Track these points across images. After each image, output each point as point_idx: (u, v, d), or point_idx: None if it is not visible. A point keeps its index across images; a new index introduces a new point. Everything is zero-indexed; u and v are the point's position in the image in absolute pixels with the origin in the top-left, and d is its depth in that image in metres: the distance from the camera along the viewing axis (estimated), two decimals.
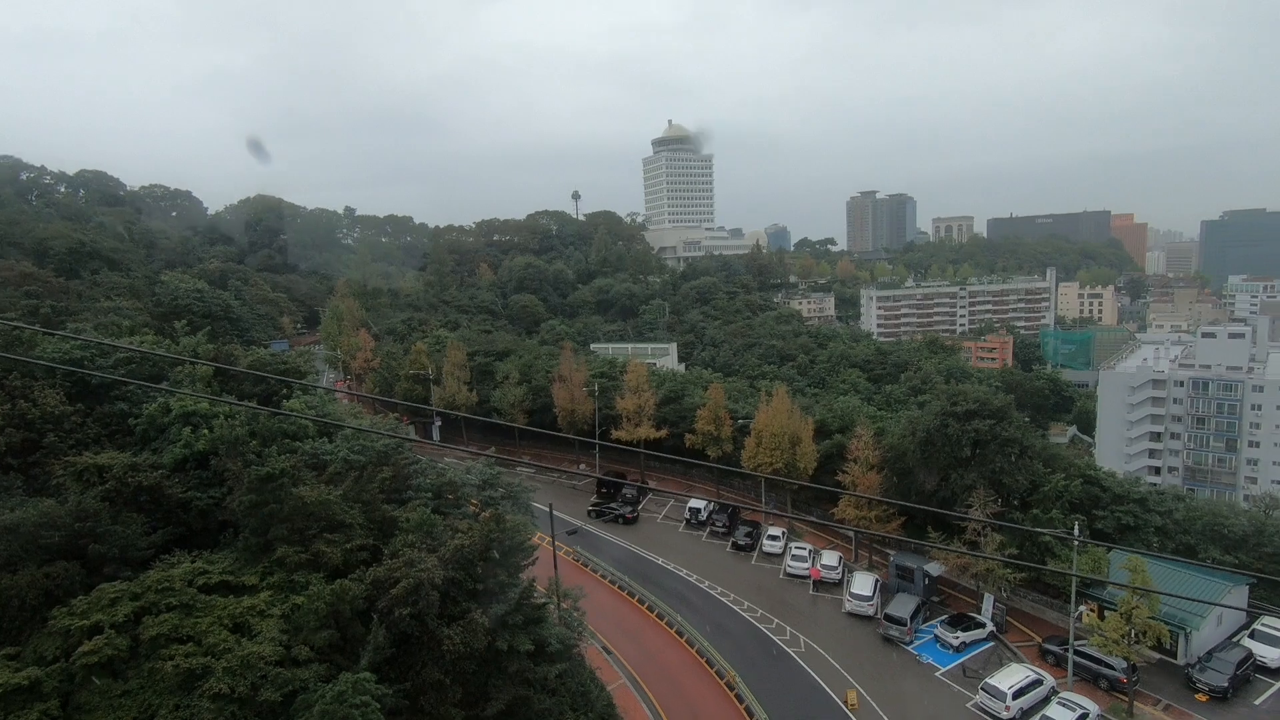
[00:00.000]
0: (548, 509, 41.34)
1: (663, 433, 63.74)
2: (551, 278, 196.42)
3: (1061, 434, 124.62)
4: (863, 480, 47.54)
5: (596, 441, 61.76)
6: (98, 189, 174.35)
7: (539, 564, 32.96)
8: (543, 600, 31.20)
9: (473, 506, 35.14)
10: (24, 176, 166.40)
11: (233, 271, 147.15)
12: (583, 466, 69.91)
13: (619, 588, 47.73)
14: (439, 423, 76.47)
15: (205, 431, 31.77)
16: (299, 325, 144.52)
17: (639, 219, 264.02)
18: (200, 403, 33.00)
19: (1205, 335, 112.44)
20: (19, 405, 30.03)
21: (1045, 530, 39.92)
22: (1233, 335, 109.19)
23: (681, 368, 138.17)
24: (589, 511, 59.35)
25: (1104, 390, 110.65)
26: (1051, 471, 45.13)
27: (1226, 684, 35.47)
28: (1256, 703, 36.01)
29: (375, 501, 30.65)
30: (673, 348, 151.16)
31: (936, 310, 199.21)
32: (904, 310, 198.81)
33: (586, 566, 50.65)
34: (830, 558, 49.03)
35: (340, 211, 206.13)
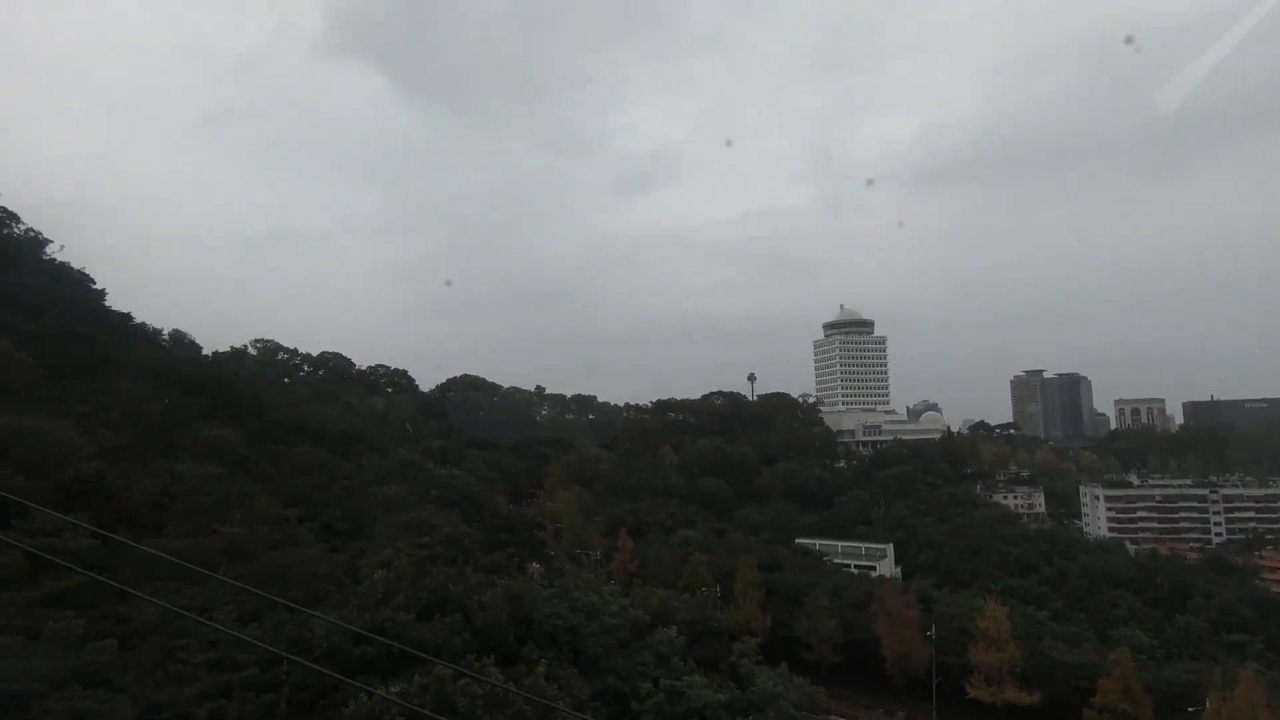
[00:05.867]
0: None
1: (1034, 697, 53.12)
2: (736, 461, 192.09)
3: None
4: None
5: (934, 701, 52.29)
6: (335, 368, 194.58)
7: None
8: None
9: None
10: (280, 357, 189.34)
11: (450, 449, 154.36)
12: None
13: None
14: None
15: None
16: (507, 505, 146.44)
17: (809, 399, 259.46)
18: (713, 691, 28.80)
19: None
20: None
21: None
22: None
23: (898, 572, 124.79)
24: None
25: None
26: None
27: None
28: None
29: None
30: (890, 549, 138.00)
31: (1182, 515, 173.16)
32: (1141, 513, 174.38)
33: None
34: None
35: (532, 390, 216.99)
